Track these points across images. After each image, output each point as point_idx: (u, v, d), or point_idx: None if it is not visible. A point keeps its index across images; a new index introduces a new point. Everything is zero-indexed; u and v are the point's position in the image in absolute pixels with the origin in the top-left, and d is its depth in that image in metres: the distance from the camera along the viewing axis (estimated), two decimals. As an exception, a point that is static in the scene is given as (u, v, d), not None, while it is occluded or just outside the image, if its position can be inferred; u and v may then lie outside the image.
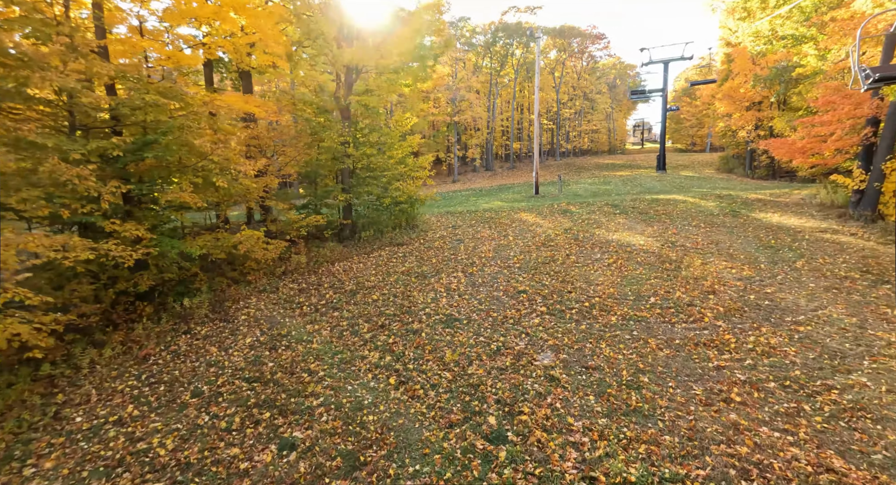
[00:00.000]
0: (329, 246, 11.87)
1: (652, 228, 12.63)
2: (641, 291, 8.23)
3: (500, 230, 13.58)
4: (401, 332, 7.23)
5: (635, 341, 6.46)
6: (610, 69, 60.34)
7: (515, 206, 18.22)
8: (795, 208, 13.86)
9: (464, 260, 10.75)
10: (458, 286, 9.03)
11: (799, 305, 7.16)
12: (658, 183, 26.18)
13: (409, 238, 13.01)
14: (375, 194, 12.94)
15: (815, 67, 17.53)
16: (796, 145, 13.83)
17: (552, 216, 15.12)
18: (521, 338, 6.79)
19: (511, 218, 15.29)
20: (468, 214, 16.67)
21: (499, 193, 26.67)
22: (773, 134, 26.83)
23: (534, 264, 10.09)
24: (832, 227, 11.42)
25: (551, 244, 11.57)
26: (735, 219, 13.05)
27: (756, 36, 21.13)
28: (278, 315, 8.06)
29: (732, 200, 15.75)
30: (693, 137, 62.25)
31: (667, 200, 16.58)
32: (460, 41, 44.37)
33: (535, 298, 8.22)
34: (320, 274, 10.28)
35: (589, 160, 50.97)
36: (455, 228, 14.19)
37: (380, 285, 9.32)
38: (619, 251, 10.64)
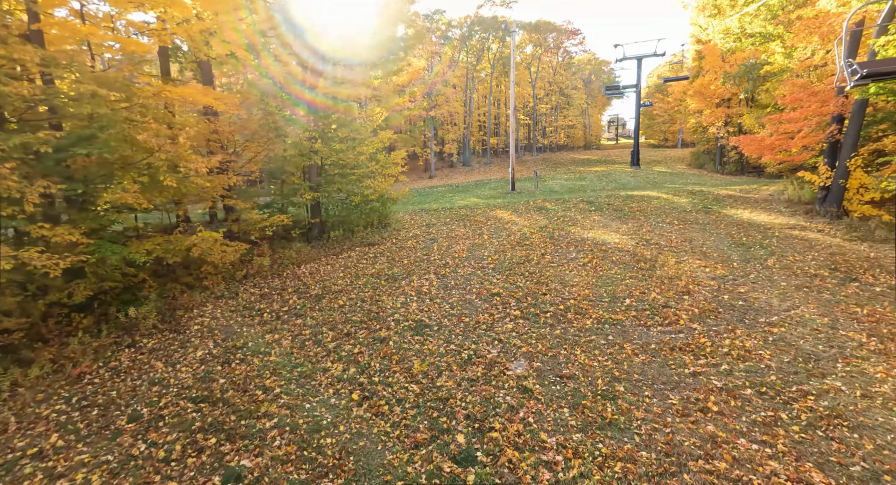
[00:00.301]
0: (296, 247, 11.28)
1: (627, 225, 12.55)
2: (617, 292, 8.05)
3: (475, 229, 13.25)
4: (367, 340, 6.81)
5: (611, 347, 6.24)
6: (585, 65, 60.81)
7: (491, 203, 17.94)
8: (765, 205, 14.07)
9: (437, 261, 10.37)
10: (430, 289, 8.65)
11: (772, 305, 7.10)
12: (632, 179, 26.42)
13: (381, 238, 12.53)
14: (345, 192, 12.39)
15: (782, 65, 17.85)
16: (765, 142, 14.01)
17: (528, 214, 14.90)
18: (494, 345, 6.47)
19: (486, 216, 14.99)
20: (443, 211, 16.28)
21: (475, 190, 26.37)
22: (743, 131, 27.46)
23: (508, 265, 9.80)
24: (800, 223, 11.58)
25: (526, 243, 11.32)
26: (707, 216, 13.12)
27: (726, 33, 21.41)
28: (235, 324, 7.49)
29: (704, 197, 15.90)
30: (665, 132, 63.57)
31: (641, 196, 16.62)
32: (436, 34, 43.70)
33: (509, 301, 7.92)
34: (285, 277, 9.70)
35: (565, 155, 51.33)
36: (429, 227, 13.78)
37: (347, 289, 8.84)
38: (595, 250, 10.48)
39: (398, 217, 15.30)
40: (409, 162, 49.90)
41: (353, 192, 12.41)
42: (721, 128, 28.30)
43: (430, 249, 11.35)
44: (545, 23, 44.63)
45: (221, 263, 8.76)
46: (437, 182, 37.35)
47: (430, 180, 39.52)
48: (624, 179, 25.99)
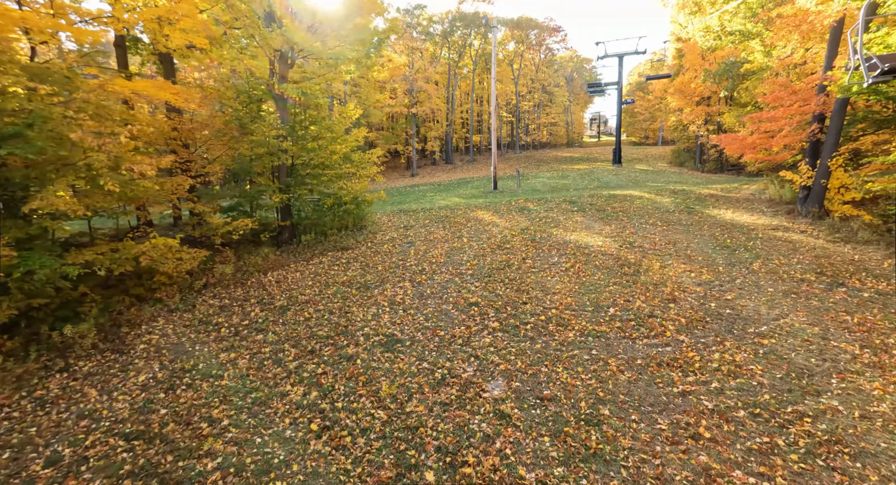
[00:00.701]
0: (263, 252, 10.57)
1: (610, 226, 12.22)
2: (600, 300, 7.65)
3: (455, 231, 12.75)
4: (333, 359, 6.23)
5: (594, 363, 5.81)
6: (567, 62, 60.85)
7: (473, 202, 17.47)
8: (746, 204, 13.94)
9: (413, 267, 9.82)
10: (404, 299, 8.11)
11: (760, 313, 6.80)
12: (614, 177, 26.31)
13: (355, 241, 11.91)
14: (317, 193, 11.72)
15: (762, 63, 17.82)
16: (746, 141, 13.87)
17: (509, 214, 14.46)
18: (470, 362, 5.98)
19: (467, 217, 14.50)
20: (423, 212, 15.73)
21: (457, 189, 25.87)
22: (723, 129, 27.64)
23: (488, 271, 9.32)
24: (783, 224, 11.43)
25: (507, 246, 10.87)
26: (690, 216, 12.90)
27: (706, 31, 21.33)
28: (188, 341, 6.81)
29: (686, 196, 15.74)
30: (646, 130, 64.24)
31: (623, 196, 16.37)
32: (417, 30, 42.94)
33: (488, 311, 7.44)
34: (249, 286, 9.02)
35: (548, 153, 51.27)
36: (407, 229, 13.21)
37: (315, 300, 8.23)
38: (577, 253, 10.09)
39: (375, 219, 14.68)
40: (390, 160, 49.12)
41: (326, 193, 11.75)
42: (701, 126, 28.43)
43: (406, 254, 10.79)
44: (527, 19, 44.31)
45: (177, 272, 8.04)
46: (420, 180, 36.73)
47: (412, 178, 38.86)
48: (606, 178, 25.84)
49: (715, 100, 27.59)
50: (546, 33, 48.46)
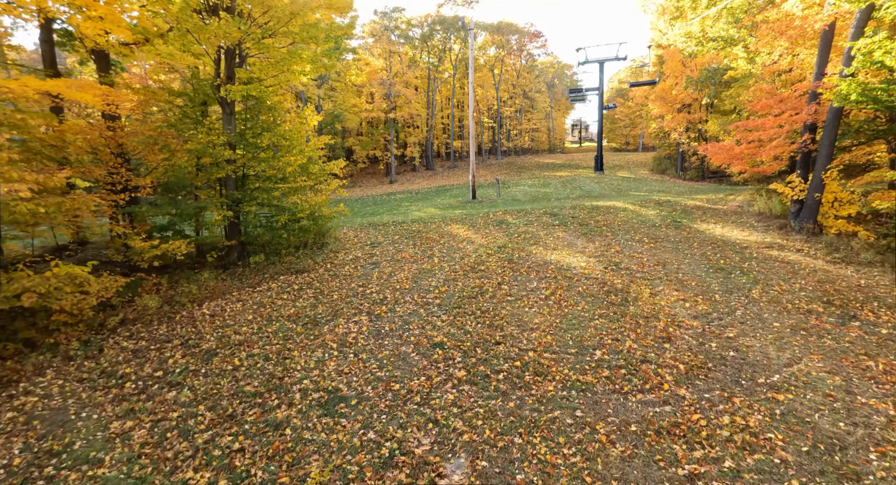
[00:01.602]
0: (203, 278, 9.21)
1: (594, 244, 11.25)
2: (585, 338, 6.59)
3: (426, 249, 11.59)
4: (256, 427, 4.97)
5: (579, 429, 4.72)
6: (548, 68, 60.71)
7: (449, 214, 16.36)
8: (735, 218, 13.21)
9: (373, 295, 8.62)
10: (357, 338, 6.89)
11: (769, 356, 5.83)
12: (597, 185, 25.62)
13: (313, 262, 10.63)
14: (268, 209, 10.43)
15: (745, 70, 17.30)
16: (734, 151, 13.16)
17: (486, 229, 13.39)
18: (427, 431, 4.81)
19: (441, 231, 13.36)
20: (394, 225, 14.54)
21: (434, 198, 24.76)
22: (705, 137, 27.30)
23: (458, 299, 8.19)
24: (777, 241, 10.65)
25: (481, 269, 9.77)
26: (678, 232, 12.05)
27: (688, 37, 20.81)
28: (76, 404, 5.45)
29: (672, 208, 14.97)
30: (627, 136, 64.52)
31: (607, 207, 15.51)
32: (395, 33, 41.89)
33: (454, 354, 6.29)
34: (176, 323, 7.66)
35: (530, 159, 50.75)
36: (373, 247, 12.00)
37: (251, 340, 6.94)
38: (559, 277, 9.06)
39: (341, 234, 13.41)
40: (369, 166, 47.77)
41: (279, 208, 10.47)
42: (682, 133, 28.06)
43: (368, 278, 9.58)
44: (507, 24, 43.76)
45: (79, 309, 6.65)
46: (398, 188, 35.53)
47: (390, 186, 37.62)
48: (588, 186, 25.12)
49: (696, 107, 27.27)
50: (527, 38, 48.06)
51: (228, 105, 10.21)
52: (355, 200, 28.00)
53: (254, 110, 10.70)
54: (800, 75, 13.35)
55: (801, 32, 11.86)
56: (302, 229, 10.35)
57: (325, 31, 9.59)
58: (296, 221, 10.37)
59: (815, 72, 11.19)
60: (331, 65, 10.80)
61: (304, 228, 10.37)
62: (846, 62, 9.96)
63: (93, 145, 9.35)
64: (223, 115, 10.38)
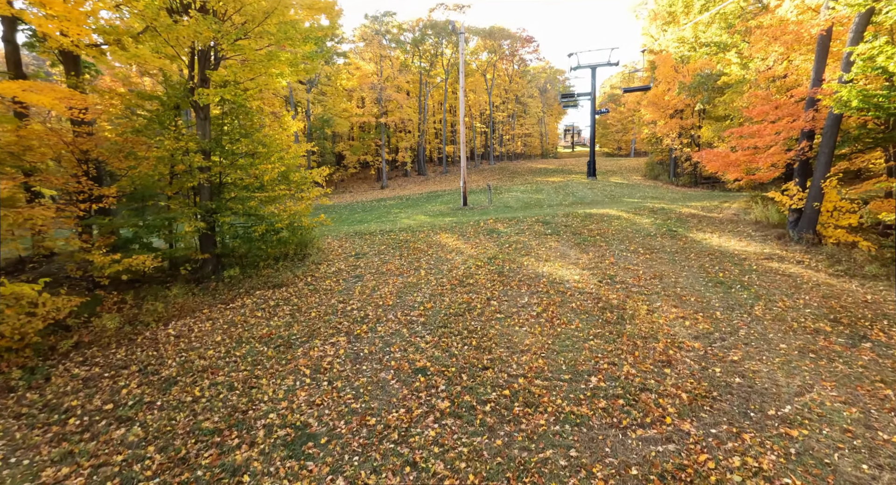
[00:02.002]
0: (172, 294, 8.61)
1: (587, 255, 10.81)
2: (579, 362, 6.10)
3: (413, 260, 11.08)
4: (211, 472, 4.40)
5: (574, 473, 4.21)
6: (540, 73, 60.73)
7: (438, 222, 15.87)
8: (731, 226, 12.86)
9: (354, 312, 8.07)
10: (333, 363, 6.34)
11: (778, 383, 5.38)
12: (590, 191, 25.32)
13: (292, 275, 10.06)
14: (243, 219, 9.86)
15: (739, 76, 17.08)
16: (729, 158, 12.83)
17: (476, 238, 12.91)
18: (404, 475, 4.27)
19: (429, 241, 12.86)
20: (381, 235, 14.00)
21: (425, 204, 24.29)
22: (697, 143, 27.15)
23: (444, 317, 7.67)
24: (776, 252, 10.28)
25: (470, 282, 9.27)
26: (674, 241, 11.66)
27: (680, 42, 20.62)
28: (6, 446, 4.83)
29: (667, 216, 14.61)
30: (619, 141, 64.65)
31: (600, 215, 15.12)
32: (387, 38, 41.55)
33: (437, 381, 5.77)
34: (137, 345, 7.06)
35: (522, 164, 50.53)
36: (358, 258, 11.45)
37: (217, 366, 6.36)
38: (551, 291, 8.58)
39: (325, 245, 12.85)
40: (360, 171, 47.22)
41: (256, 218, 9.90)
42: (675, 139, 27.89)
43: (350, 293, 9.03)
44: (499, 29, 43.61)
45: (22, 332, 6.03)
46: (389, 193, 35.04)
47: (381, 191, 37.10)
48: (581, 192, 24.81)
49: (689, 112, 27.15)
50: (519, 44, 47.96)
51: (202, 110, 9.66)
52: (344, 206, 27.43)
53: (231, 115, 10.15)
54: (795, 81, 13.11)
55: (796, 37, 11.60)
56: (281, 241, 9.78)
57: (304, 31, 9.08)
58: (274, 232, 9.80)
59: (812, 78, 10.90)
60: (311, 68, 10.29)
61: (282, 239, 9.80)
62: (845, 68, 9.66)
63: (56, 152, 8.77)
64: (197, 120, 9.81)
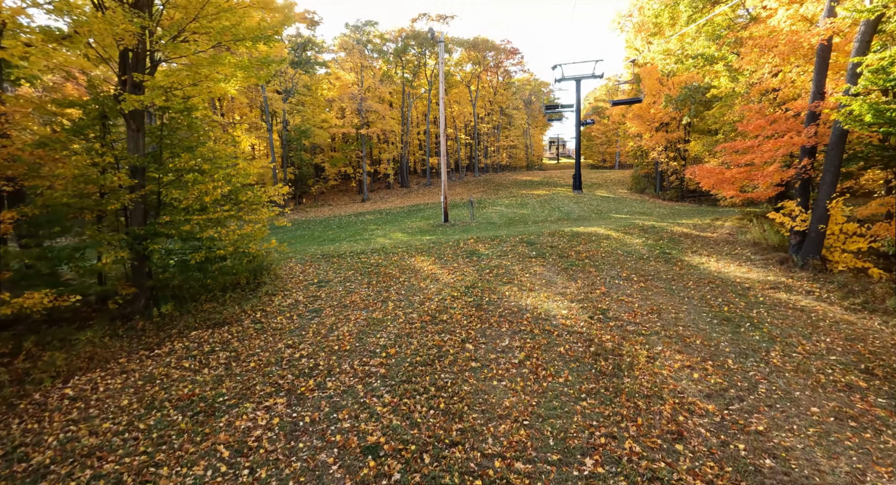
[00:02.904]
0: (84, 339, 7.17)
1: (576, 283, 9.72)
2: (570, 432, 4.91)
3: (382, 289, 9.83)
4: None
5: None
6: (525, 85, 60.65)
7: (415, 242, 14.68)
8: (728, 249, 11.97)
9: (302, 360, 6.77)
10: (262, 439, 5.02)
11: (821, 470, 4.27)
12: (576, 206, 24.50)
13: (240, 310, 8.71)
14: (178, 246, 8.51)
15: (728, 89, 16.47)
16: (724, 175, 12.01)
17: (454, 262, 11.74)
18: None
19: (402, 265, 11.64)
20: (351, 257, 12.73)
21: (404, 220, 23.10)
22: (684, 157, 26.66)
23: (409, 367, 6.43)
24: (781, 280, 9.35)
25: (443, 318, 8.06)
26: (669, 266, 10.68)
27: (666, 54, 20.05)
28: None
29: (658, 236, 13.69)
30: (604, 154, 64.80)
31: (588, 235, 14.13)
32: (368, 47, 40.71)
33: (391, 466, 4.50)
34: (18, 413, 5.61)
35: (507, 177, 49.91)
36: (320, 287, 10.16)
37: (109, 446, 4.97)
38: (536, 330, 7.43)
39: (285, 270, 11.52)
40: (341, 183, 45.88)
41: (192, 246, 8.56)
42: (661, 152, 27.38)
43: (303, 333, 7.73)
44: (483, 40, 43.20)
45: None
46: (369, 206, 33.79)
47: (361, 204, 35.86)
48: (567, 207, 23.97)
49: (674, 126, 26.71)
50: (503, 55, 47.65)
51: (134, 120, 8.34)
52: (320, 221, 26.04)
53: (171, 126, 8.85)
54: (791, 94, 12.43)
55: (793, 48, 10.88)
56: (223, 271, 8.44)
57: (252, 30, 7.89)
58: (215, 261, 8.45)
59: (812, 91, 10.15)
60: (266, 74, 9.09)
61: (224, 269, 8.45)
62: (851, 80, 8.88)
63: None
64: (128, 131, 8.48)
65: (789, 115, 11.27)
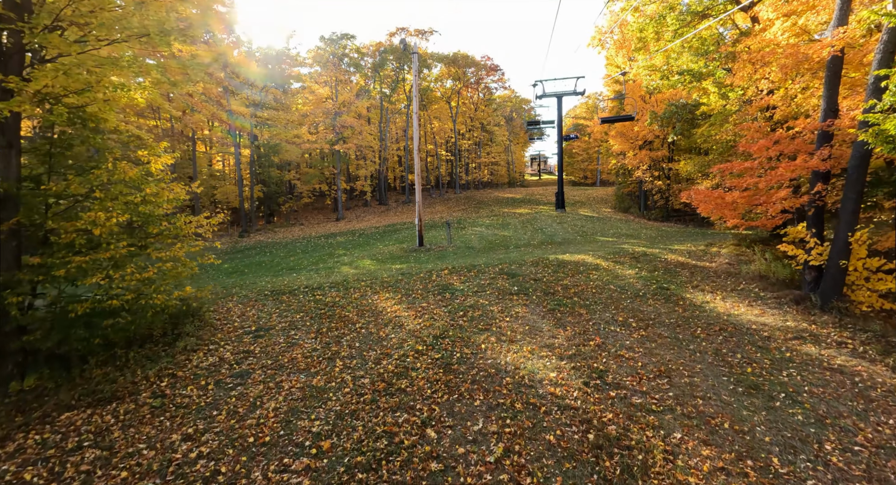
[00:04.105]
0: None
1: (565, 330, 8.15)
2: None
3: (332, 340, 8.06)
4: None
5: None
6: (506, 102, 60.36)
7: (383, 272, 12.97)
8: (731, 283, 10.65)
9: (198, 467, 4.91)
10: None
11: None
12: (559, 227, 23.24)
13: (142, 376, 6.79)
14: (48, 296, 6.60)
15: (718, 107, 15.51)
16: (725, 200, 10.77)
17: (424, 300, 10.07)
18: None
19: (362, 305, 9.90)
20: (305, 293, 10.93)
21: (377, 242, 21.36)
22: (668, 175, 25.83)
23: (346, 477, 4.65)
24: (803, 326, 7.97)
25: (402, 385, 6.33)
26: (670, 306, 9.24)
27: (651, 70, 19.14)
28: None
29: (652, 265, 12.35)
30: (585, 170, 64.70)
31: (575, 263, 12.69)
32: (345, 61, 39.44)
33: None
34: None
35: (489, 194, 48.82)
36: (257, 337, 8.32)
37: None
38: (518, 404, 5.77)
39: (222, 312, 9.64)
40: (316, 200, 43.90)
41: (70, 296, 6.66)
42: (646, 171, 26.54)
43: (214, 414, 5.88)
44: (463, 56, 42.48)
45: None
46: (343, 226, 31.94)
47: (335, 224, 33.96)
48: (551, 228, 22.67)
49: (658, 144, 25.96)
50: (484, 72, 47.08)
51: (4, 134, 6.51)
52: (285, 244, 24.06)
53: (62, 143, 7.02)
54: (789, 112, 11.39)
55: (796, 61, 9.81)
56: (117, 328, 6.53)
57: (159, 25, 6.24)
58: (107, 314, 6.56)
59: (823, 107, 9.03)
60: (184, 80, 7.41)
61: (118, 326, 6.54)
62: (874, 94, 7.73)
63: None
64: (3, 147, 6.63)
65: (792, 134, 10.18)
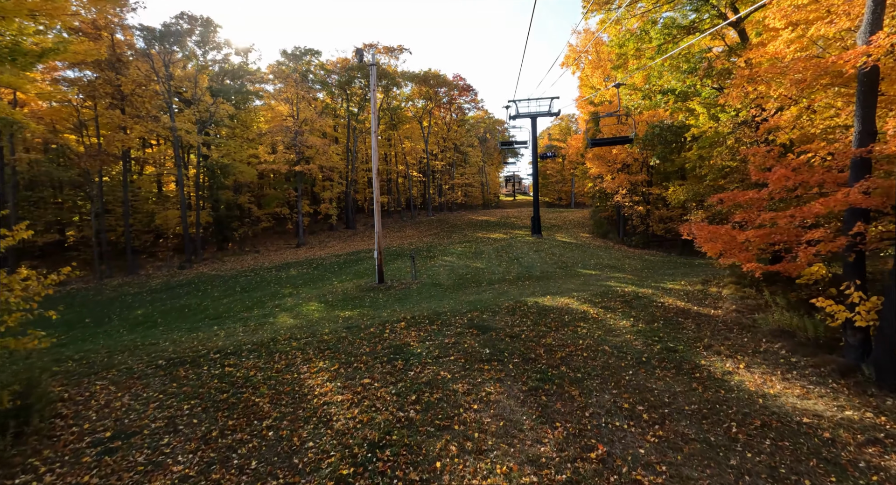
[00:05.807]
0: None
1: (554, 431, 5.88)
2: None
3: (221, 455, 5.50)
4: None
5: None
6: (480, 123, 59.48)
7: (327, 325, 10.47)
8: (750, 340, 8.72)
9: None
10: None
11: None
12: (537, 256, 21.29)
13: None
14: None
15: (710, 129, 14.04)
16: (736, 239, 8.94)
17: (369, 373, 7.64)
18: None
19: (284, 383, 7.37)
20: (213, 364, 8.30)
21: (332, 278, 18.76)
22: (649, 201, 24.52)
23: None
24: (868, 418, 5.99)
25: None
26: (685, 382, 7.15)
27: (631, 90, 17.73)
28: None
29: (649, 314, 10.37)
30: (559, 192, 64.12)
31: (559, 312, 10.58)
32: (310, 79, 37.34)
33: None
34: None
35: (463, 216, 46.96)
36: (107, 452, 5.65)
37: None
38: None
39: (81, 398, 6.91)
40: (276, 224, 40.82)
41: None
42: (626, 195, 25.18)
43: None
44: (435, 75, 41.13)
45: None
46: (303, 254, 29.11)
47: (295, 251, 31.07)
48: (528, 258, 20.68)
49: (636, 167, 24.74)
50: (457, 91, 45.92)
51: None
52: (227, 278, 21.11)
53: None
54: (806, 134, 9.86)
55: (816, 75, 8.21)
56: None
57: None
58: None
59: (858, 130, 7.36)
60: None
61: None
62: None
63: None
64: None
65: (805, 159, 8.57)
